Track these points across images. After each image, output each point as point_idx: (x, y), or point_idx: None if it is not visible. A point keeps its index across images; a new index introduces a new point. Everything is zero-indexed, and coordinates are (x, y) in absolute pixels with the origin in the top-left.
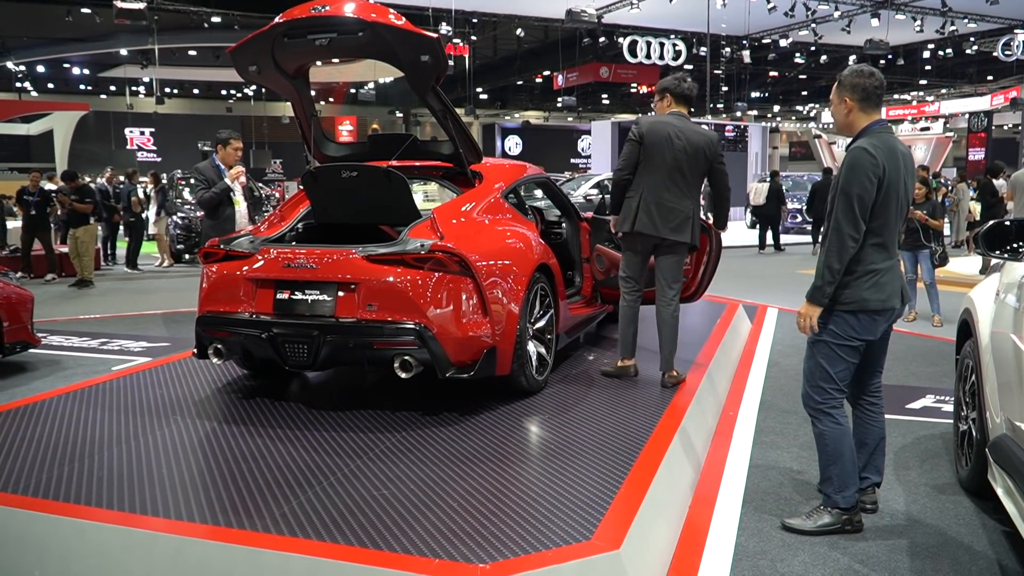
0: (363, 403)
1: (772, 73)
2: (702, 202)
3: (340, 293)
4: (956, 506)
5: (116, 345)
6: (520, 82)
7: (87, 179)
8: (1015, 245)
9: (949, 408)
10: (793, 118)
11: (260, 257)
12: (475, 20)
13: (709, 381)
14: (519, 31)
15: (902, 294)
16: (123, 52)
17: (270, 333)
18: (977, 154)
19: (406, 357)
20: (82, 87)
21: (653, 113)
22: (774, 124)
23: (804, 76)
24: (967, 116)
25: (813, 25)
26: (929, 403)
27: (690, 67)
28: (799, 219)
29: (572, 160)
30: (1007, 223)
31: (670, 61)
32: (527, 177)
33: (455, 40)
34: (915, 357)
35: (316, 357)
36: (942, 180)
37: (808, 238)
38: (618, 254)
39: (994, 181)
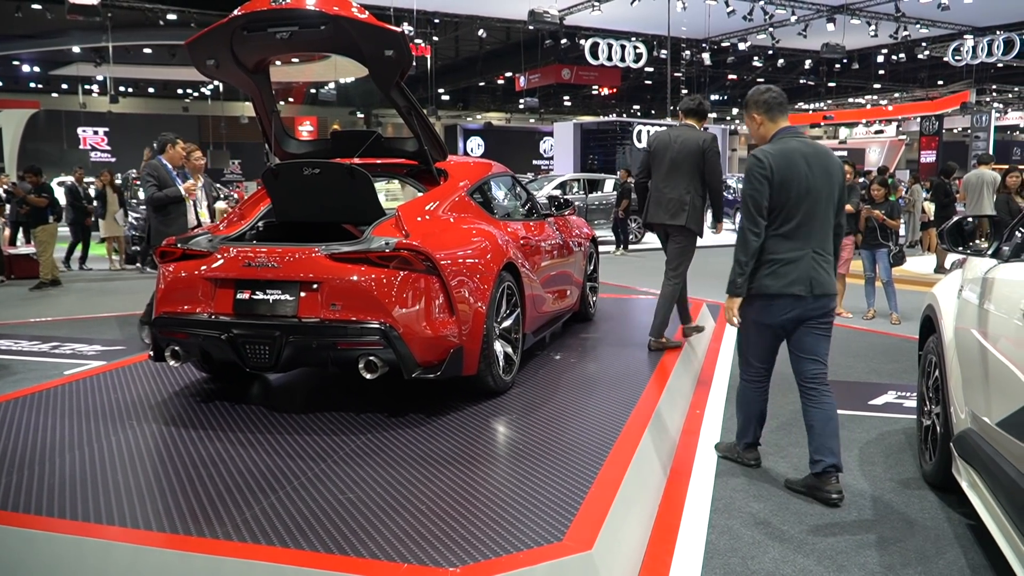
0: (326, 404)
1: (731, 76)
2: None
3: (303, 293)
4: (921, 500)
5: (68, 349)
6: (482, 83)
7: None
8: (977, 241)
9: (911, 404)
10: None
11: (219, 256)
12: (437, 20)
13: (675, 380)
14: (481, 32)
15: (811, 283)
16: (75, 50)
17: (230, 334)
18: (929, 156)
19: (371, 358)
20: (33, 85)
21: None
22: (733, 127)
23: (762, 79)
24: (919, 119)
25: (771, 29)
26: (891, 399)
27: (650, 70)
28: None
29: (535, 161)
30: (969, 220)
31: (631, 63)
32: (492, 175)
33: (417, 40)
34: (875, 354)
35: (278, 358)
36: (897, 180)
37: None
38: None
39: (946, 182)
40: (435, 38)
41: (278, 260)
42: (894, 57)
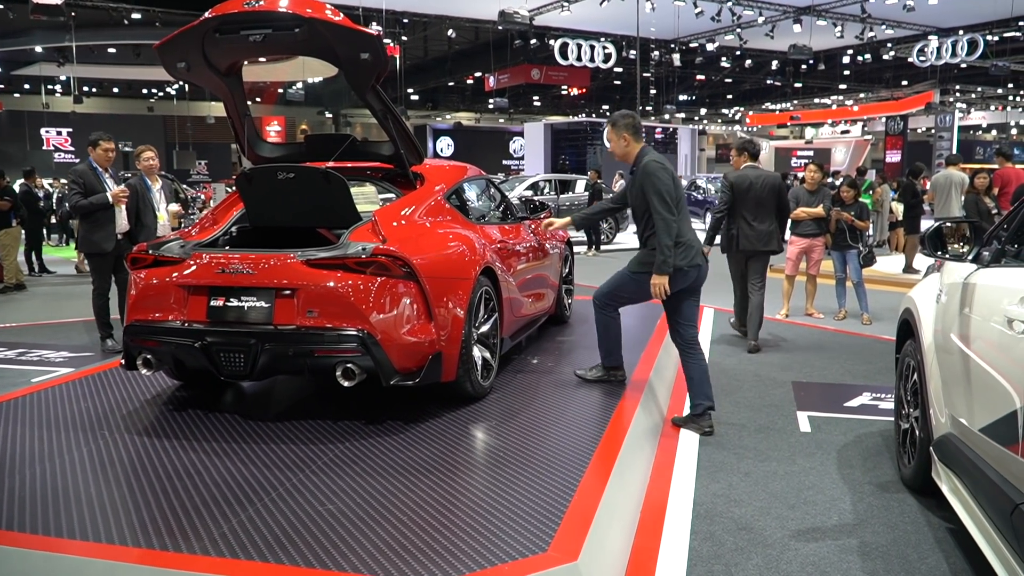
0: (302, 413)
1: (699, 77)
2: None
3: (278, 299)
4: (901, 504)
5: (35, 355)
6: (451, 83)
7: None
8: (957, 246)
9: (886, 405)
10: (719, 121)
11: (192, 262)
12: (406, 20)
13: (652, 385)
14: (450, 32)
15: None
16: (38, 49)
17: (204, 342)
18: (894, 156)
19: (349, 365)
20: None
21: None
22: (701, 127)
23: (730, 80)
24: (884, 120)
25: (738, 30)
26: (866, 401)
27: (619, 70)
28: None
29: (504, 162)
30: (948, 224)
31: (600, 63)
32: (468, 178)
33: (386, 40)
34: (849, 355)
35: (254, 366)
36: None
37: None
38: None
39: (914, 182)
40: (404, 38)
41: (253, 266)
42: (860, 58)
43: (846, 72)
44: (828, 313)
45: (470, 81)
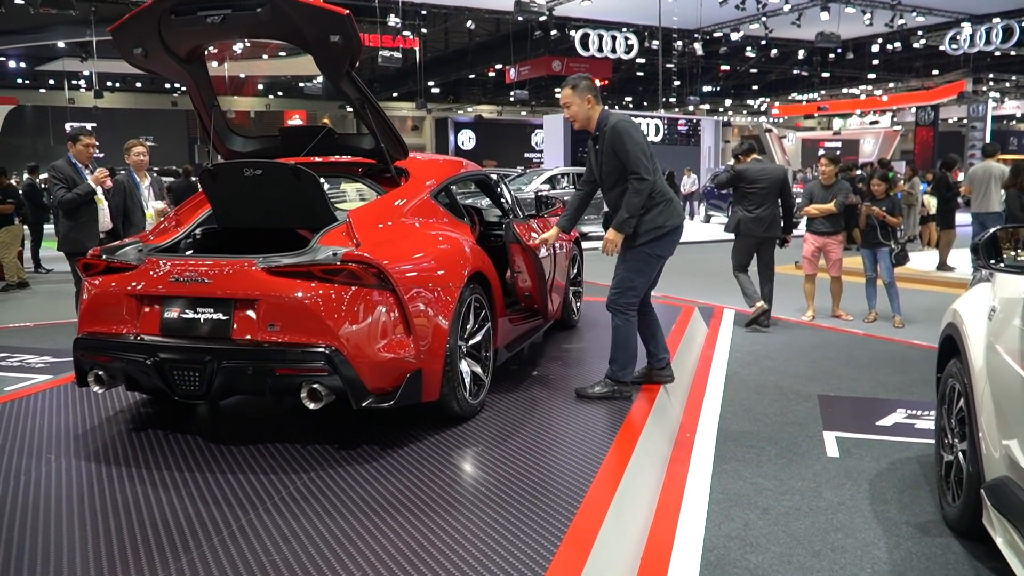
0: (269, 433)
1: (724, 67)
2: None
3: (237, 311)
4: (945, 552)
5: (17, 360)
6: (472, 76)
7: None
8: (1014, 254)
9: (923, 425)
10: (744, 112)
11: (146, 269)
12: (424, 12)
13: (663, 400)
14: (469, 23)
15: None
16: (61, 45)
17: (156, 358)
18: (924, 147)
19: (315, 385)
20: (20, 81)
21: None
22: (726, 118)
23: (755, 70)
24: (914, 110)
25: (764, 19)
26: (900, 419)
27: (642, 61)
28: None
29: (526, 155)
30: (1008, 231)
31: (622, 54)
32: (461, 175)
33: (405, 33)
34: (880, 364)
35: (209, 386)
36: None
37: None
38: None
39: (948, 175)
40: (424, 30)
41: (210, 274)
42: (889, 46)
43: (875, 61)
44: (857, 315)
45: (491, 74)
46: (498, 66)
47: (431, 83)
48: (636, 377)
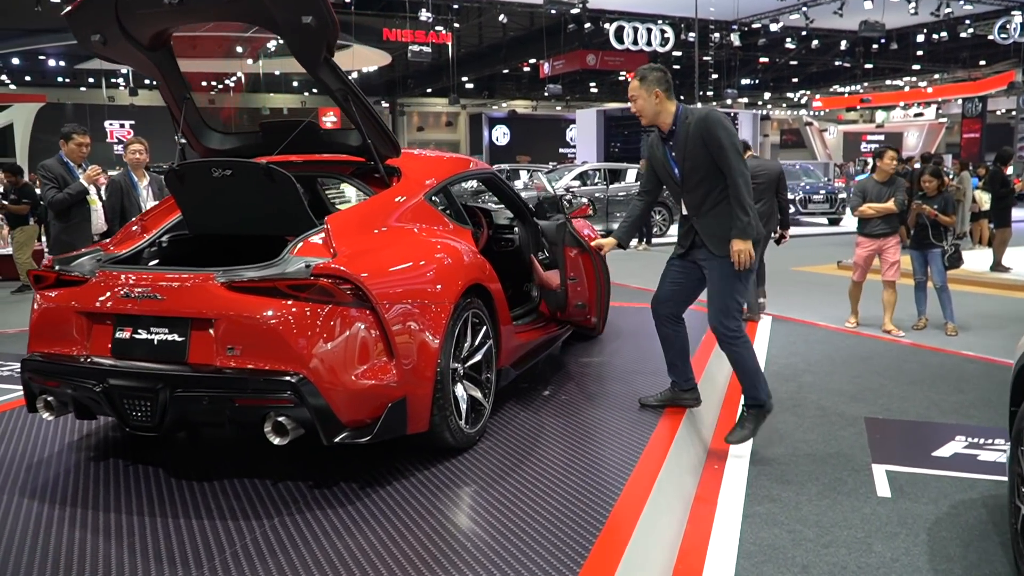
0: (236, 466)
1: (762, 59)
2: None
3: (194, 332)
4: None
5: (7, 370)
6: (506, 71)
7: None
8: None
9: (987, 457)
10: (784, 105)
11: (97, 283)
12: (456, 6)
13: (689, 423)
14: (502, 17)
15: None
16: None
17: (105, 385)
18: (972, 139)
19: (280, 418)
20: (60, 79)
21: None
22: (765, 112)
23: (795, 62)
24: (960, 101)
25: (804, 8)
26: (960, 448)
27: (678, 54)
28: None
29: (561, 150)
30: None
31: (658, 47)
32: (463, 174)
33: (437, 28)
34: (934, 380)
35: (162, 418)
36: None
37: (805, 229)
38: (540, 268)
39: (1003, 169)
40: (456, 25)
41: (163, 289)
42: (935, 36)
43: (920, 52)
44: (906, 321)
45: (526, 69)
46: (532, 61)
47: (465, 79)
48: (658, 400)
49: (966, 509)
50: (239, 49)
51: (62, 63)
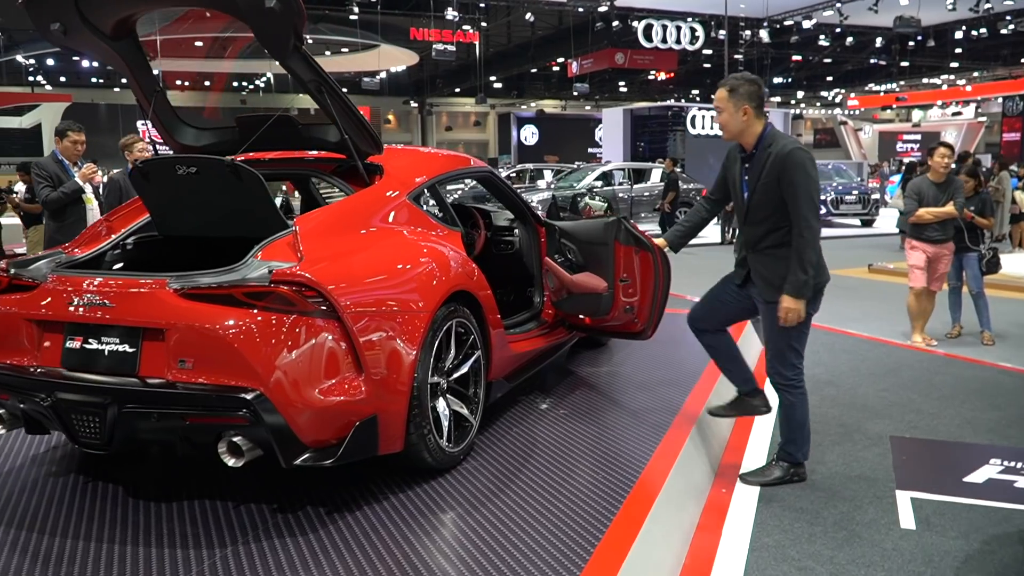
0: (195, 485)
1: (795, 57)
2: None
3: (146, 343)
4: None
5: None
6: (535, 70)
7: None
8: None
9: None
10: (818, 104)
11: (49, 288)
12: (483, 5)
13: (699, 438)
14: (528, 16)
15: None
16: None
17: (53, 398)
18: (1013, 138)
19: (234, 438)
20: (94, 80)
21: None
22: (798, 111)
23: (829, 60)
24: (1001, 100)
25: (838, 5)
26: (994, 474)
27: (708, 52)
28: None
29: (590, 150)
30: None
31: (687, 45)
32: (454, 172)
33: (465, 27)
34: (967, 394)
35: (111, 435)
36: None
37: (836, 231)
38: (563, 271)
39: None
40: (484, 24)
41: (113, 296)
42: (974, 32)
43: (958, 49)
44: (939, 327)
45: (555, 68)
46: (560, 60)
47: (493, 78)
48: (725, 410)
49: (1000, 545)
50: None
51: (95, 64)
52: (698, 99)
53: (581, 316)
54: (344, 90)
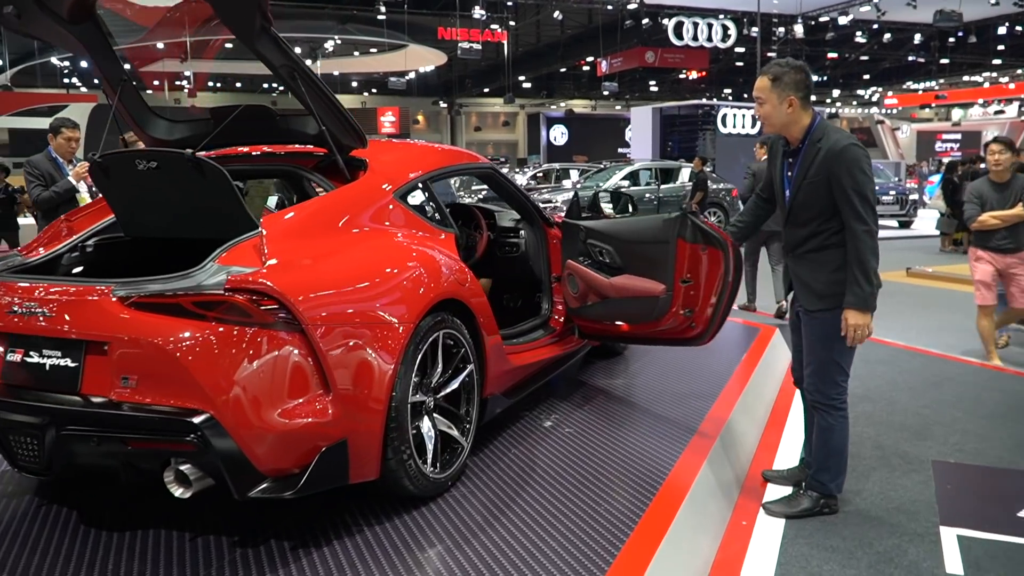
0: (146, 512)
1: (831, 55)
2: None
3: (89, 357)
4: None
5: None
6: (564, 70)
7: None
8: None
9: None
10: (854, 103)
11: None
12: (511, 3)
13: (717, 461)
14: (557, 14)
15: None
16: (159, 46)
17: None
18: None
19: (182, 467)
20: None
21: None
22: (833, 110)
23: (866, 57)
24: None
25: (875, 0)
26: None
27: (741, 49)
28: None
29: (620, 150)
30: None
31: (719, 43)
32: (449, 168)
33: (493, 26)
34: (1019, 413)
35: (50, 459)
36: None
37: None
38: (596, 274)
39: None
40: (512, 23)
41: (53, 304)
42: (1018, 28)
43: (1001, 45)
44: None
45: (584, 68)
46: (590, 59)
47: (522, 78)
48: (784, 477)
49: None
50: (297, 50)
51: (127, 65)
52: (730, 98)
53: (619, 322)
54: (319, 76)
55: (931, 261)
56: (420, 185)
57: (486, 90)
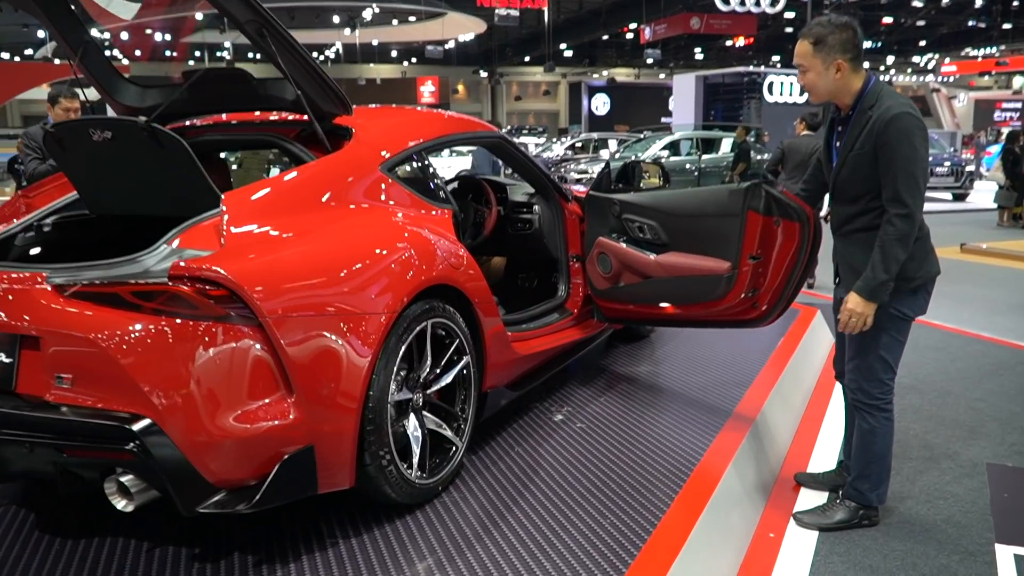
0: (98, 522)
1: (885, 20)
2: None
3: (24, 352)
4: None
5: None
6: (607, 37)
7: None
8: None
9: None
10: (909, 71)
11: None
12: None
13: (744, 462)
14: None
15: None
16: (199, 16)
17: None
18: None
19: (123, 478)
20: (166, 53)
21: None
22: (887, 77)
23: (922, 22)
24: None
25: None
26: None
27: (790, 15)
28: None
29: (663, 119)
30: None
31: (767, 8)
32: (449, 137)
33: None
34: None
35: None
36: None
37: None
38: (637, 251)
39: None
40: None
41: None
42: None
43: None
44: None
45: (628, 35)
46: (633, 26)
47: (564, 46)
48: (819, 481)
49: None
50: (335, 19)
51: (167, 37)
52: (778, 66)
53: (664, 304)
54: (290, 33)
55: (987, 237)
56: (414, 156)
57: (527, 59)
